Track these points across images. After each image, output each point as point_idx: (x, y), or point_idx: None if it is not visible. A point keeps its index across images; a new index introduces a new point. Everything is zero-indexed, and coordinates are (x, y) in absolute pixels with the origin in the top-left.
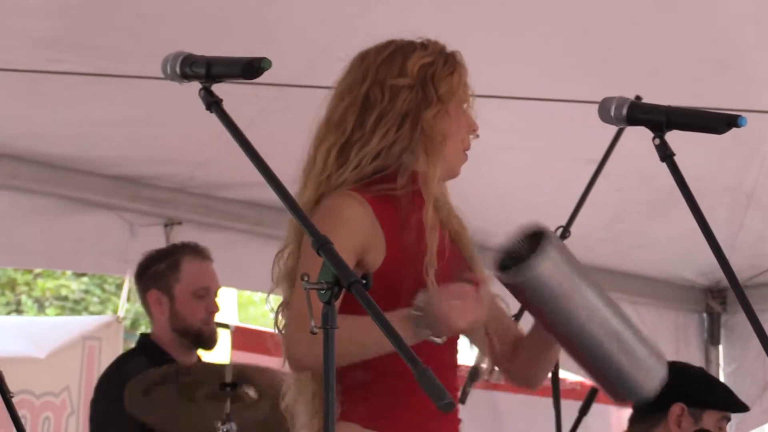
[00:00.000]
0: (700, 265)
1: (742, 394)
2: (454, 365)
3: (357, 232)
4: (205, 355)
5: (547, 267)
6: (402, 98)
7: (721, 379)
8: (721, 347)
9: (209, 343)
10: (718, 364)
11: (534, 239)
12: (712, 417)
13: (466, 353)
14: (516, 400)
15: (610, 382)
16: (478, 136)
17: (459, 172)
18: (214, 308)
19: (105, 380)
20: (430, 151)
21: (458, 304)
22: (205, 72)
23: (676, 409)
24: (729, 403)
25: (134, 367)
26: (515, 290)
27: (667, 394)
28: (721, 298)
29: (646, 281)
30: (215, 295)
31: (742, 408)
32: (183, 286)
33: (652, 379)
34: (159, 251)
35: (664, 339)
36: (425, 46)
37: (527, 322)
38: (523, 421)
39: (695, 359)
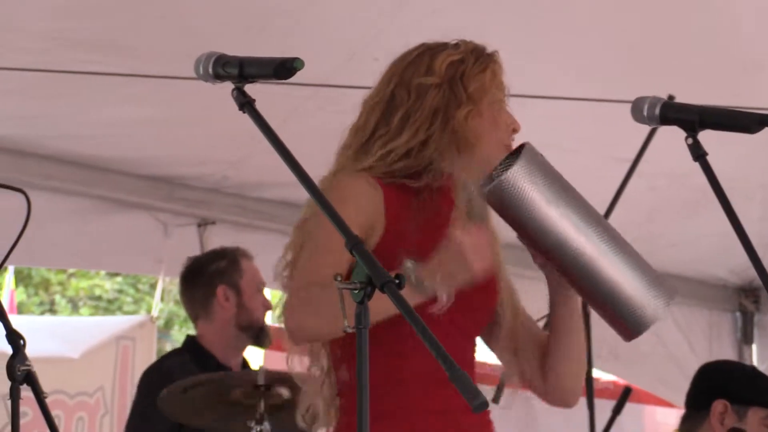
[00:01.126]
0: (734, 264)
1: None
2: (472, 363)
3: (363, 211)
4: (248, 355)
5: (522, 167)
6: (430, 97)
7: None
8: (754, 346)
9: (265, 341)
10: (751, 363)
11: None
12: (757, 414)
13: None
14: None
15: (612, 303)
16: (516, 131)
17: None
18: (269, 304)
19: (147, 377)
20: (462, 152)
21: (473, 242)
22: (238, 72)
23: (719, 406)
24: None
25: (177, 365)
26: (495, 200)
27: (711, 391)
28: (755, 297)
29: (679, 280)
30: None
31: None
32: (247, 279)
33: (658, 301)
34: (212, 252)
35: (697, 338)
36: (457, 45)
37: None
38: (557, 420)
39: (728, 358)
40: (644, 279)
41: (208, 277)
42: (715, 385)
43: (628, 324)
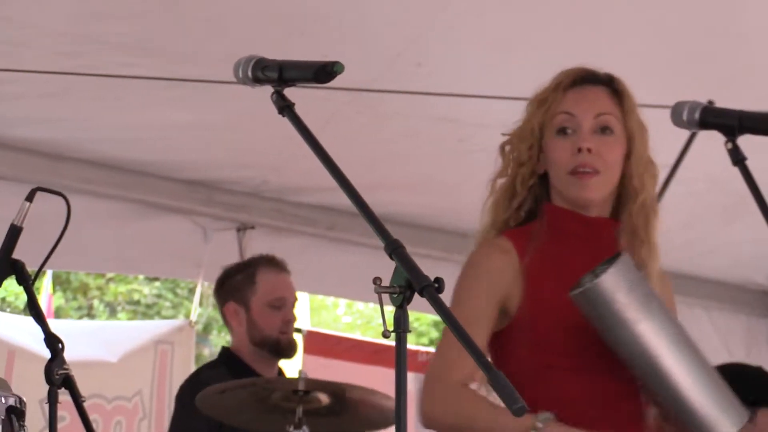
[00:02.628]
0: None
1: None
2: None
3: (497, 283)
4: (284, 363)
5: (613, 278)
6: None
7: None
8: None
9: (288, 351)
10: None
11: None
12: (766, 415)
13: None
14: None
15: (684, 419)
16: (589, 150)
17: (581, 197)
18: (291, 318)
19: (185, 388)
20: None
21: None
22: (278, 76)
23: None
24: None
25: (213, 376)
26: (580, 305)
27: None
28: None
29: (717, 285)
30: (292, 305)
31: None
32: (259, 296)
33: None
34: (237, 264)
35: (734, 343)
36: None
37: None
38: None
39: (765, 363)
40: (716, 402)
41: (223, 292)
42: None
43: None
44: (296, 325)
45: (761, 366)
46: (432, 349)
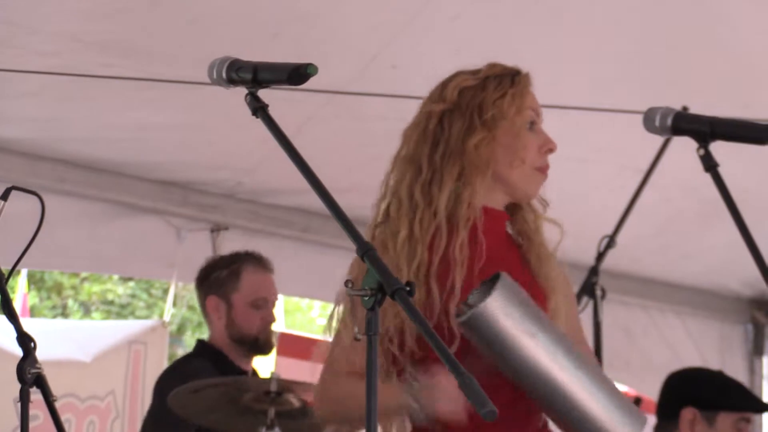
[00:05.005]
0: (746, 276)
1: None
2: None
3: None
4: (257, 363)
5: (497, 302)
6: (444, 125)
7: (765, 390)
8: (765, 358)
9: (265, 349)
10: (762, 375)
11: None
12: (728, 419)
13: None
14: None
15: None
16: (552, 151)
17: (532, 191)
18: (271, 318)
19: (164, 379)
20: (475, 180)
21: (443, 396)
22: (252, 77)
23: (687, 413)
24: (744, 403)
25: (195, 367)
26: (471, 334)
27: (679, 400)
28: (766, 309)
29: (692, 291)
30: (273, 305)
31: (761, 407)
32: (241, 295)
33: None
34: (223, 258)
35: (708, 349)
36: (478, 70)
37: None
38: None
39: (740, 370)
40: (616, 410)
41: (206, 286)
42: (683, 393)
43: None
44: (274, 326)
45: (721, 370)
46: None
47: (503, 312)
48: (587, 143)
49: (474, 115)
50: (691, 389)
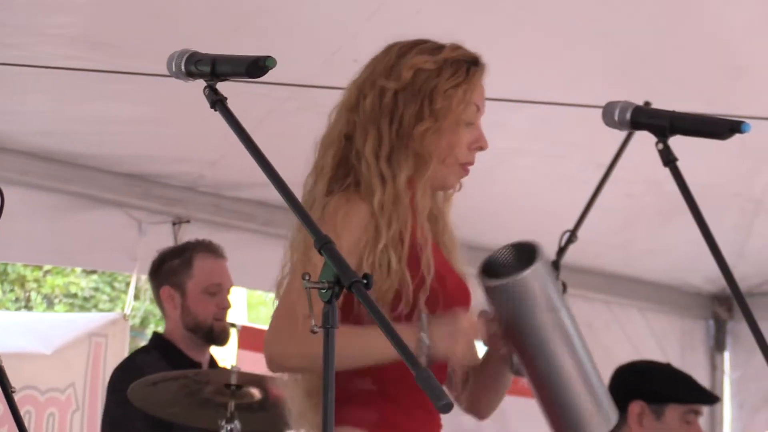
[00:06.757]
0: (707, 272)
1: (748, 400)
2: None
3: (362, 231)
4: (216, 352)
5: (536, 275)
6: (399, 103)
7: (727, 386)
8: (727, 354)
9: (221, 339)
10: (723, 371)
11: (523, 252)
12: (676, 411)
13: None
14: (519, 403)
15: (564, 413)
16: (482, 149)
17: (452, 185)
18: (226, 305)
19: (118, 374)
20: (417, 166)
21: (459, 335)
22: (210, 70)
23: (635, 407)
24: (692, 396)
25: (148, 361)
26: (498, 295)
27: (627, 393)
28: (728, 305)
29: (653, 287)
30: (228, 292)
31: (709, 399)
32: (194, 282)
33: (606, 422)
34: (174, 248)
35: (670, 345)
36: (438, 50)
37: None
38: (528, 424)
39: (701, 366)
40: (597, 398)
41: (159, 277)
42: (631, 387)
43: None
44: (231, 316)
45: (669, 363)
46: None
47: (540, 284)
48: (551, 138)
49: (425, 101)
50: (639, 382)
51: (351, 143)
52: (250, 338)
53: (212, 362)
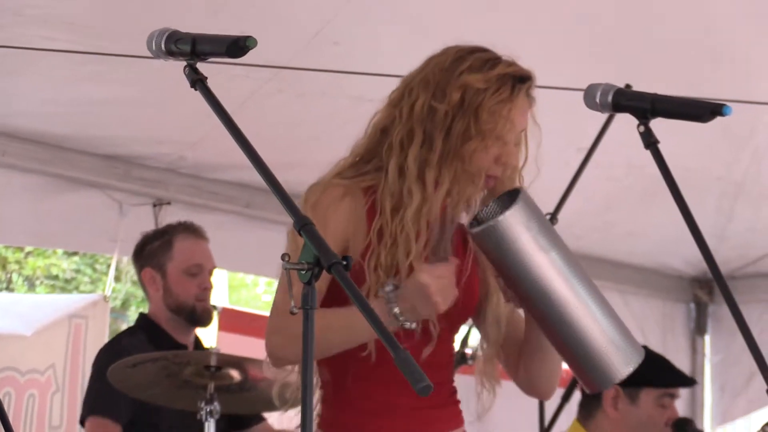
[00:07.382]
0: (688, 255)
1: (728, 384)
2: (450, 362)
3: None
4: (200, 333)
5: (516, 216)
6: (448, 120)
7: (707, 369)
8: (707, 337)
9: (203, 320)
10: (704, 354)
11: (510, 200)
12: (650, 395)
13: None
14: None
15: (579, 358)
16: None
17: (476, 197)
18: (207, 285)
19: (102, 355)
20: (466, 186)
21: (438, 284)
22: (190, 49)
23: (610, 390)
24: (668, 379)
25: (132, 343)
26: (482, 241)
27: None
28: (709, 288)
29: (634, 270)
30: (209, 273)
31: (684, 382)
32: (175, 263)
33: (626, 362)
34: (155, 231)
35: (650, 328)
36: (486, 64)
37: None
38: (506, 407)
39: (681, 349)
40: (617, 336)
41: (141, 259)
42: None
43: (593, 377)
44: (212, 295)
45: (645, 345)
46: None
47: (524, 225)
48: (531, 120)
49: (471, 120)
50: None
51: (385, 137)
52: (230, 320)
53: (198, 344)
